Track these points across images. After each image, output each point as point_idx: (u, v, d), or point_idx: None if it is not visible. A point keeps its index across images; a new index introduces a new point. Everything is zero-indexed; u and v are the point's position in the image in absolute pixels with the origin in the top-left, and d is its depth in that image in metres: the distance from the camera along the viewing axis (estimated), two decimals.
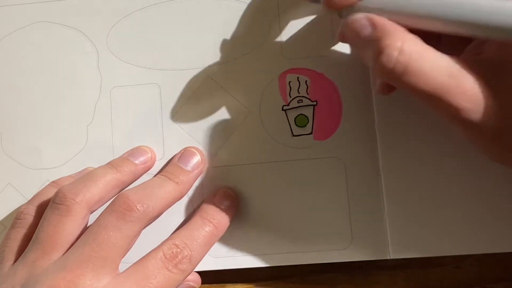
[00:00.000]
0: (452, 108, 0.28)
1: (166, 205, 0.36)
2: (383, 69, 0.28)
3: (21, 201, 0.39)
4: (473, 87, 0.27)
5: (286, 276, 0.39)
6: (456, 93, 0.27)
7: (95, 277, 0.31)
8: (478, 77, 0.27)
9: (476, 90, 0.27)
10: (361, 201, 0.38)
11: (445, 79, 0.27)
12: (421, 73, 0.27)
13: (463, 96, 0.27)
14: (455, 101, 0.27)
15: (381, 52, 0.28)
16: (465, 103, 0.27)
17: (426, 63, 0.28)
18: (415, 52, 0.28)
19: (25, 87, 0.40)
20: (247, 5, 0.39)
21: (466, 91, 0.27)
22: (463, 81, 0.27)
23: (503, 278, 0.38)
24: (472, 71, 0.28)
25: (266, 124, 0.39)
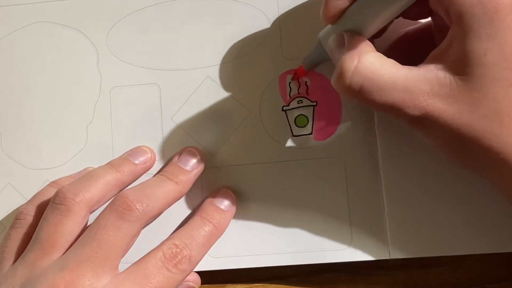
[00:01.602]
0: (410, 118, 0.30)
1: (166, 204, 0.36)
2: (339, 88, 0.31)
3: (21, 201, 0.39)
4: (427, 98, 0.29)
5: (286, 276, 0.39)
6: (412, 106, 0.29)
7: (95, 276, 0.31)
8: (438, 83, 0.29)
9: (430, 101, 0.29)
10: (361, 201, 0.38)
11: (400, 94, 0.29)
12: (377, 91, 0.30)
13: (419, 108, 0.29)
14: (412, 112, 0.29)
15: (337, 71, 0.30)
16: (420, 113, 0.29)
17: (381, 80, 0.29)
18: (369, 70, 0.30)
19: (25, 87, 0.40)
20: (247, 5, 0.39)
21: (420, 103, 0.29)
22: (418, 95, 0.29)
23: (503, 278, 0.38)
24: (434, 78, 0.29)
25: (266, 124, 0.39)
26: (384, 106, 0.30)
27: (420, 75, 0.29)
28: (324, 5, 0.32)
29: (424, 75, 0.29)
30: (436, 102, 0.29)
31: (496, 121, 0.28)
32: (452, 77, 0.29)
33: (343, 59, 0.30)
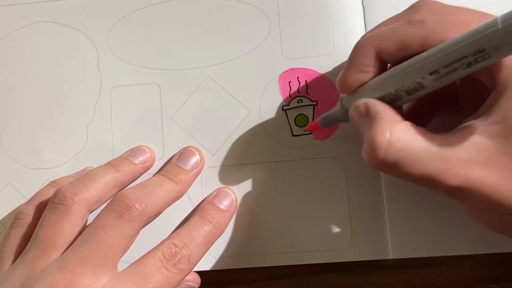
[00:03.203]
0: (449, 188, 0.28)
1: (165, 204, 0.36)
2: (373, 163, 0.28)
3: (21, 201, 0.39)
4: (466, 166, 0.27)
5: (286, 276, 0.39)
6: (450, 175, 0.27)
7: (94, 276, 0.31)
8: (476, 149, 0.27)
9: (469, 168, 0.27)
10: (361, 201, 0.37)
11: (437, 164, 0.27)
12: (412, 163, 0.27)
13: (457, 178, 0.27)
14: (451, 182, 0.27)
15: (370, 145, 0.28)
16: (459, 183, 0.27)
17: (416, 152, 0.27)
18: (403, 142, 0.27)
19: (25, 87, 0.40)
20: (247, 5, 0.39)
21: (459, 172, 0.27)
22: (456, 163, 0.27)
23: (503, 278, 0.38)
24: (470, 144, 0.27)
25: (266, 124, 0.39)
26: (421, 177, 0.28)
27: (455, 142, 0.27)
28: (342, 76, 0.31)
29: (460, 142, 0.27)
30: (475, 170, 0.27)
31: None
32: (490, 142, 0.27)
33: (374, 132, 0.28)
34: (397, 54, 0.29)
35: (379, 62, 0.30)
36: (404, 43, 0.29)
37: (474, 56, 0.25)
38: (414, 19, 0.29)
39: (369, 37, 0.30)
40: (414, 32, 0.29)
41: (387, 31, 0.30)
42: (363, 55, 0.30)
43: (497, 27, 0.24)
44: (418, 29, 0.29)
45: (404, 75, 0.28)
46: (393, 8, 0.38)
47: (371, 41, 0.30)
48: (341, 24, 0.39)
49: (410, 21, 0.29)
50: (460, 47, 0.26)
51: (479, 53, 0.25)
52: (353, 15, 0.39)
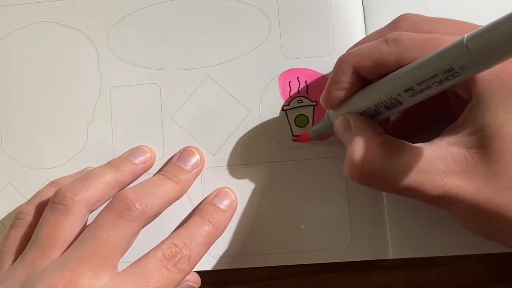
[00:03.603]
0: (429, 198, 0.29)
1: (165, 204, 0.36)
2: (352, 178, 0.30)
3: (21, 201, 0.39)
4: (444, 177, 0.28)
5: (286, 276, 0.39)
6: (428, 186, 0.28)
7: (94, 276, 0.31)
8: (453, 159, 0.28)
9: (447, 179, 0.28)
10: (361, 201, 0.37)
11: (415, 177, 0.28)
12: (390, 177, 0.28)
13: (436, 188, 0.28)
14: (430, 193, 0.28)
15: (348, 161, 0.29)
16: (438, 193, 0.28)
17: (393, 166, 0.28)
18: (380, 157, 0.29)
19: (25, 87, 0.40)
20: (247, 5, 0.39)
21: (437, 182, 0.28)
22: (434, 174, 0.28)
23: (503, 278, 0.38)
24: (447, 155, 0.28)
25: (266, 124, 0.39)
26: (401, 190, 0.29)
27: (432, 153, 0.28)
28: (324, 93, 0.32)
29: (437, 153, 0.28)
30: (453, 180, 0.28)
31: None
32: (467, 152, 0.28)
33: (351, 150, 0.29)
34: (374, 71, 0.30)
35: (358, 78, 0.31)
36: (380, 61, 0.30)
37: (444, 75, 0.26)
38: (390, 37, 0.30)
39: (347, 55, 0.31)
40: (389, 50, 0.29)
41: (364, 49, 0.31)
42: (342, 72, 0.31)
43: (463, 47, 0.25)
44: (393, 47, 0.29)
45: (381, 92, 0.30)
46: (393, 8, 0.38)
47: (349, 59, 0.31)
48: (341, 24, 0.39)
49: (386, 39, 0.30)
50: (430, 66, 0.27)
51: (449, 71, 0.26)
52: (353, 15, 0.39)
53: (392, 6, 0.38)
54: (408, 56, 0.29)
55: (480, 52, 0.24)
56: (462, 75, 0.26)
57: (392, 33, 0.30)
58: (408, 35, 0.29)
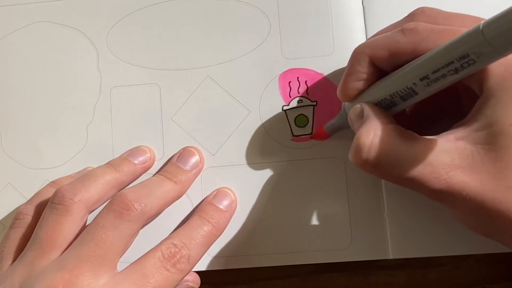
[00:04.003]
0: (431, 192, 0.28)
1: (165, 204, 0.36)
2: (356, 163, 0.29)
3: (21, 201, 0.39)
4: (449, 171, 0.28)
5: (286, 276, 0.39)
6: (432, 179, 0.28)
7: (93, 276, 0.31)
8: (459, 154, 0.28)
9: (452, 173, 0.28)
10: (361, 201, 0.37)
11: (420, 168, 0.28)
12: (395, 165, 0.28)
13: (440, 182, 0.28)
14: (433, 186, 0.28)
15: (354, 144, 0.29)
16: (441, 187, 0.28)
17: (398, 155, 0.28)
18: (386, 144, 0.28)
19: (25, 87, 0.40)
20: (247, 5, 0.39)
21: (441, 176, 0.28)
22: (438, 167, 0.28)
23: (503, 278, 0.38)
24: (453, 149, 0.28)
25: (266, 124, 0.39)
26: (404, 180, 0.29)
27: (439, 146, 0.28)
28: (341, 85, 0.32)
29: (443, 146, 0.28)
30: (457, 174, 0.27)
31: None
32: (474, 148, 0.28)
33: (359, 133, 0.29)
34: (390, 62, 0.30)
35: (375, 69, 0.31)
36: (396, 51, 0.30)
37: (460, 62, 0.26)
38: (406, 27, 0.30)
39: (363, 45, 0.31)
40: (406, 40, 0.29)
41: (380, 39, 0.31)
42: (358, 63, 0.31)
43: (479, 33, 0.25)
44: (409, 37, 0.29)
45: (397, 81, 0.29)
46: (393, 8, 0.38)
47: (365, 49, 0.31)
48: (341, 24, 0.39)
49: (402, 29, 0.30)
50: (446, 53, 0.27)
51: (464, 58, 0.26)
52: (353, 15, 0.39)
53: (392, 6, 0.38)
54: (424, 46, 0.29)
55: (495, 38, 0.24)
56: (477, 63, 0.26)
57: (408, 24, 0.30)
58: (425, 25, 0.29)
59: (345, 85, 0.32)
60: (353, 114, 0.32)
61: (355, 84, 0.32)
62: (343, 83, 0.32)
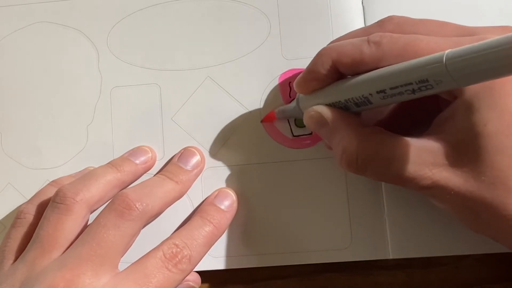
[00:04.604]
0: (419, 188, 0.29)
1: (166, 204, 0.36)
2: (349, 169, 0.31)
3: (21, 201, 0.39)
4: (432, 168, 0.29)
5: (286, 276, 0.39)
6: (418, 177, 0.29)
7: (95, 275, 0.31)
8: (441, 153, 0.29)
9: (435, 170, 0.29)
10: (361, 201, 0.38)
11: (405, 167, 0.29)
12: (382, 167, 0.30)
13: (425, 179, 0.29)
14: (420, 183, 0.29)
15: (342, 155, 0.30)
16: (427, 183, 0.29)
17: (384, 157, 0.30)
18: (372, 146, 0.30)
19: (25, 87, 0.40)
20: (247, 6, 0.40)
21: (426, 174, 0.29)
22: (423, 166, 0.29)
23: (503, 278, 0.38)
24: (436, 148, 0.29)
25: (266, 125, 0.39)
26: (392, 179, 0.30)
27: (422, 146, 0.29)
28: (300, 79, 0.33)
29: (426, 146, 0.29)
30: (441, 171, 0.29)
31: (502, 189, 0.28)
32: (454, 147, 0.29)
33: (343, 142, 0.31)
34: (352, 69, 0.31)
35: (335, 72, 0.32)
36: (360, 61, 0.30)
37: (418, 85, 0.27)
38: (372, 39, 0.30)
39: (329, 49, 0.32)
40: (370, 52, 0.30)
41: (346, 46, 0.31)
42: (321, 65, 0.32)
43: (442, 63, 0.25)
44: (373, 50, 0.30)
45: (354, 88, 0.30)
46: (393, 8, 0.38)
47: (330, 53, 0.31)
48: (341, 24, 0.39)
49: (368, 40, 0.30)
50: (406, 74, 0.27)
51: (423, 82, 0.26)
52: (353, 15, 0.39)
53: (392, 6, 0.38)
54: (387, 60, 0.29)
55: (458, 72, 0.25)
56: (435, 89, 0.26)
57: (374, 35, 0.30)
58: (389, 38, 0.30)
59: (303, 80, 0.33)
60: (311, 120, 0.33)
61: (313, 83, 0.32)
62: (302, 78, 0.33)
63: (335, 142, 0.31)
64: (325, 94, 0.32)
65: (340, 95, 0.31)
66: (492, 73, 0.24)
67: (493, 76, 0.25)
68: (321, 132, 0.33)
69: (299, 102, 0.35)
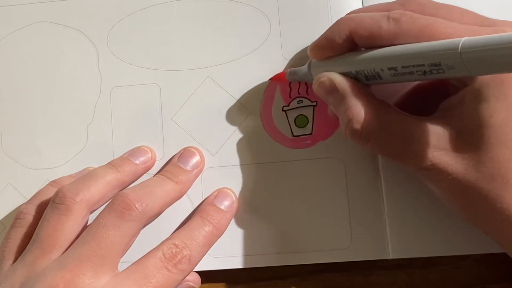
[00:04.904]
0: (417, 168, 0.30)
1: (165, 204, 0.36)
2: (352, 137, 0.31)
3: (21, 201, 0.39)
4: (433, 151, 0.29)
5: (286, 276, 0.39)
6: (418, 156, 0.29)
7: (94, 276, 0.31)
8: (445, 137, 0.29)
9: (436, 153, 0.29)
10: (361, 201, 0.38)
11: (408, 145, 0.30)
12: (384, 141, 0.30)
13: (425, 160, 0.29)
14: (419, 163, 0.29)
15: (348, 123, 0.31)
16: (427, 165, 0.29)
17: (388, 131, 0.30)
18: (377, 120, 0.30)
19: (25, 87, 0.40)
20: (247, 6, 0.39)
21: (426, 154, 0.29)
22: (424, 146, 0.29)
23: (503, 278, 0.38)
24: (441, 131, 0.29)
25: (266, 125, 0.39)
26: (392, 155, 0.30)
27: (427, 127, 0.29)
28: (314, 44, 0.33)
29: (431, 128, 0.29)
30: (442, 155, 0.29)
31: (500, 182, 0.28)
32: (458, 134, 0.29)
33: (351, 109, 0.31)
34: (368, 42, 0.31)
35: (350, 43, 0.32)
36: (377, 35, 0.30)
37: (430, 67, 0.27)
38: (392, 15, 0.30)
39: (349, 19, 0.32)
40: (388, 28, 0.30)
41: (365, 19, 0.31)
42: (338, 34, 0.32)
43: (457, 50, 0.25)
44: (392, 27, 0.30)
45: (366, 61, 0.30)
46: None
47: (349, 23, 0.32)
48: None
49: (388, 16, 0.30)
50: (420, 55, 0.27)
51: (435, 66, 0.27)
52: None
53: None
54: (403, 39, 0.29)
55: (472, 61, 0.25)
56: (446, 74, 0.27)
57: (395, 12, 0.30)
58: (408, 17, 0.30)
59: (317, 45, 0.33)
60: (321, 87, 0.33)
61: (328, 50, 0.33)
62: (317, 43, 0.33)
63: (342, 109, 0.31)
64: (337, 63, 0.32)
65: (352, 66, 0.31)
66: (506, 67, 0.24)
67: (506, 70, 0.25)
68: (329, 98, 0.32)
69: (310, 67, 0.35)
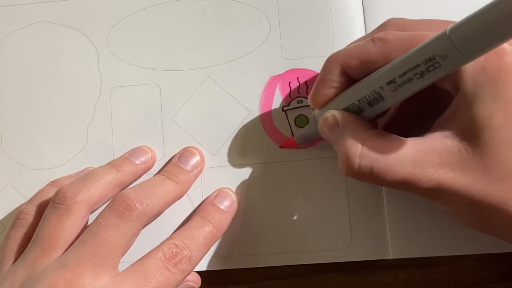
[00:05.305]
0: (423, 191, 0.29)
1: (166, 204, 0.36)
2: (349, 173, 0.30)
3: (21, 201, 0.39)
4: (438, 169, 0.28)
5: (286, 276, 0.39)
6: (423, 178, 0.28)
7: (95, 276, 0.31)
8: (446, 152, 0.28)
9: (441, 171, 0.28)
10: (361, 201, 0.38)
11: (410, 169, 0.29)
12: (386, 170, 0.29)
13: (431, 180, 0.28)
14: (425, 185, 0.29)
15: (345, 158, 0.30)
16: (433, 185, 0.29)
17: (389, 159, 0.29)
18: (375, 151, 0.29)
19: (25, 87, 0.40)
20: (247, 6, 0.39)
21: (432, 175, 0.28)
22: (428, 167, 0.28)
23: (503, 278, 0.38)
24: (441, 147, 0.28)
25: (266, 125, 0.39)
26: (396, 183, 0.29)
27: (427, 146, 0.29)
28: (312, 92, 0.33)
29: (431, 146, 0.29)
30: (447, 172, 0.28)
31: (510, 184, 0.28)
32: (460, 144, 0.28)
33: (347, 144, 0.30)
34: (362, 71, 0.31)
35: (346, 78, 0.32)
36: (367, 60, 0.30)
37: (425, 65, 0.27)
38: (376, 37, 0.30)
39: (336, 54, 0.32)
40: (376, 50, 0.30)
41: (352, 48, 0.31)
42: (330, 71, 0.32)
43: (446, 37, 0.25)
44: (379, 47, 0.30)
45: (365, 86, 0.30)
46: (393, 8, 0.38)
47: (337, 58, 0.31)
48: (341, 24, 0.39)
49: (373, 39, 0.30)
50: (413, 57, 0.27)
51: (429, 61, 0.26)
52: (353, 15, 0.39)
53: (392, 6, 0.38)
54: (394, 54, 0.29)
55: (461, 41, 0.25)
56: (443, 66, 0.26)
57: (378, 34, 0.30)
58: (394, 34, 0.30)
59: (316, 91, 0.33)
60: (325, 124, 0.32)
61: (326, 91, 0.32)
62: (314, 89, 0.33)
63: (340, 143, 0.31)
64: (337, 100, 0.32)
65: (353, 97, 0.31)
66: (496, 36, 0.24)
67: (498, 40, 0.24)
68: (331, 135, 0.32)
69: (315, 119, 0.34)
